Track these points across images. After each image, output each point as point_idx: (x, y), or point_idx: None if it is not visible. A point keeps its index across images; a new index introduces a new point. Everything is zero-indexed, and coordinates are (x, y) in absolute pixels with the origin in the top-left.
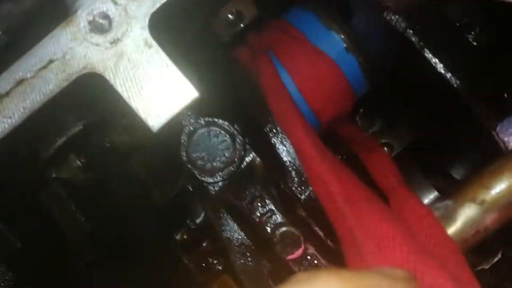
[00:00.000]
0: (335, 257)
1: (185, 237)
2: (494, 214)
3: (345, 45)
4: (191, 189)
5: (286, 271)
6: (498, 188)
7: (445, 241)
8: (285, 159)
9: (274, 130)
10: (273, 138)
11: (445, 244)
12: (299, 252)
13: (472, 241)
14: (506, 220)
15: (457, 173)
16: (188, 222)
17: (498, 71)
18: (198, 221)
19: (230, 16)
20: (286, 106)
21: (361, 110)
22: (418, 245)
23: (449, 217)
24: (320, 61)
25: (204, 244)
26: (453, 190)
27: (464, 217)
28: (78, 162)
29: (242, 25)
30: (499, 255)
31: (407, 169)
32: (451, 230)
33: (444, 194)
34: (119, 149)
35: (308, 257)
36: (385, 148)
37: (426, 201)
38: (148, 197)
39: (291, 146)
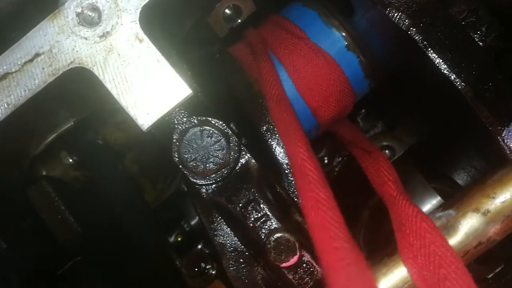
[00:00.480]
0: None
1: (179, 239)
2: (498, 224)
3: (346, 43)
4: (186, 189)
5: (281, 279)
6: (503, 197)
7: (451, 260)
8: (281, 161)
9: (270, 130)
10: (269, 139)
11: (451, 263)
12: (294, 259)
13: (475, 252)
14: (511, 231)
15: (459, 178)
16: (183, 223)
17: (505, 73)
18: (192, 222)
19: (227, 11)
20: (288, 120)
21: (363, 111)
22: None
23: (451, 227)
24: (319, 59)
25: (198, 247)
26: (455, 199)
27: (467, 227)
28: (70, 159)
29: (239, 21)
30: (502, 264)
31: (408, 172)
32: (453, 241)
33: (447, 203)
34: (112, 146)
35: (304, 265)
36: (387, 151)
37: (428, 206)
38: (142, 197)
39: None
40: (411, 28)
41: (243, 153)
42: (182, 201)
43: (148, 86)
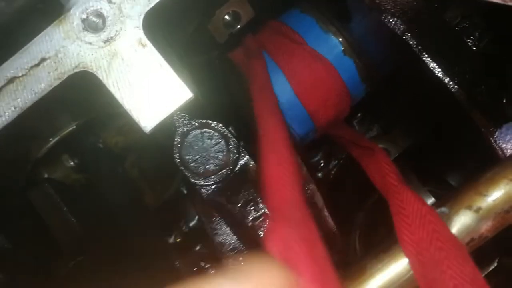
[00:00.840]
0: None
1: (178, 240)
2: (490, 221)
3: (342, 48)
4: (185, 191)
5: None
6: (495, 195)
7: (448, 236)
8: None
9: None
10: None
11: (449, 239)
12: None
13: (467, 249)
14: (502, 228)
15: (453, 180)
16: (182, 224)
17: (498, 76)
18: (191, 224)
19: (226, 17)
20: (267, 102)
21: (359, 114)
22: None
23: None
24: (317, 64)
25: (197, 248)
26: (448, 197)
27: (460, 224)
28: (71, 162)
29: (238, 26)
30: (495, 263)
31: (403, 174)
32: None
33: (440, 201)
34: (112, 150)
35: None
36: None
37: None
38: (141, 199)
39: None
40: (406, 33)
41: (242, 154)
42: (182, 202)
43: (151, 90)
